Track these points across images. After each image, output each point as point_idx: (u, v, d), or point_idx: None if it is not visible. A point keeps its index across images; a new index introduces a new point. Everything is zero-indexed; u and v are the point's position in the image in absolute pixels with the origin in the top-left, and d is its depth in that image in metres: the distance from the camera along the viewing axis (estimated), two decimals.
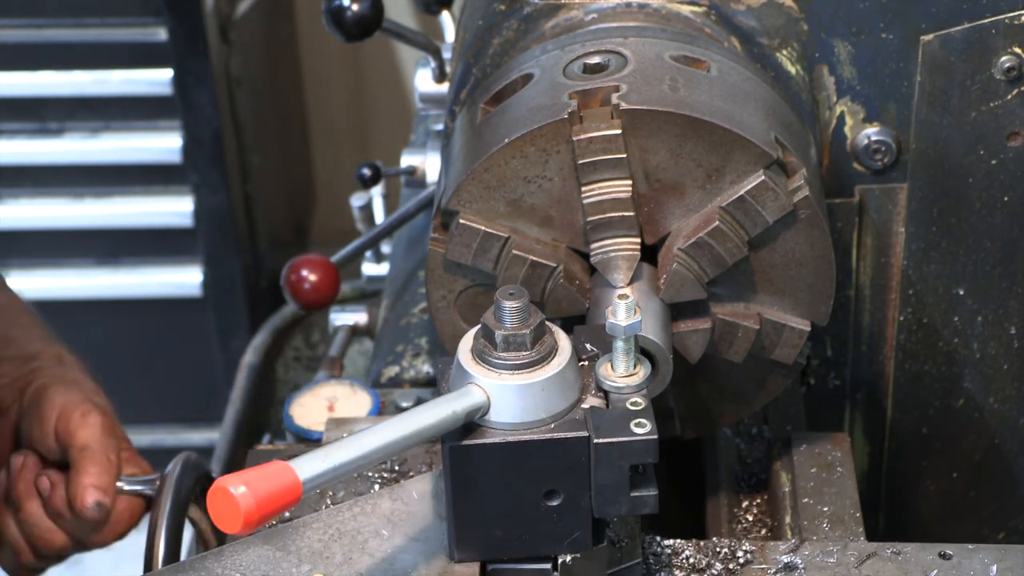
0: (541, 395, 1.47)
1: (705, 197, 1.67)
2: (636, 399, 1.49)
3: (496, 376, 1.47)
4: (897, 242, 1.96)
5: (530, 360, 1.47)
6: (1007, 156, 1.89)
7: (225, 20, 3.27)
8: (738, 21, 1.86)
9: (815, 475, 1.80)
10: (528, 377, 1.47)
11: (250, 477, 1.33)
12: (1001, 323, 1.98)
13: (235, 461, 2.57)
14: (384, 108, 4.07)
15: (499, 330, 1.47)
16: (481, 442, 1.47)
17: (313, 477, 1.37)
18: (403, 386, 2.17)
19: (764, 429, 1.94)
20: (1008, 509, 2.11)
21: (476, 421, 1.47)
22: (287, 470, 1.35)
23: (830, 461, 1.82)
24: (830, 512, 1.76)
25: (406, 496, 1.60)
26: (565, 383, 1.48)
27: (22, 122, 3.30)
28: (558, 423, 1.48)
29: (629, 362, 1.51)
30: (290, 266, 2.23)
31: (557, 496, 1.49)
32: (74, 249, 3.38)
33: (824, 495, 1.78)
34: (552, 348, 1.48)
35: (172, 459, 1.87)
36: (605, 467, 1.47)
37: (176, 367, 3.49)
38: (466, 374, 1.48)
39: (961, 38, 1.85)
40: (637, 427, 1.47)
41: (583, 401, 1.50)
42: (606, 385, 1.51)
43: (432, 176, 2.37)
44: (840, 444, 1.84)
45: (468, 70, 1.90)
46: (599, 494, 1.48)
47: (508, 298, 1.48)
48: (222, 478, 1.33)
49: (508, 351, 1.47)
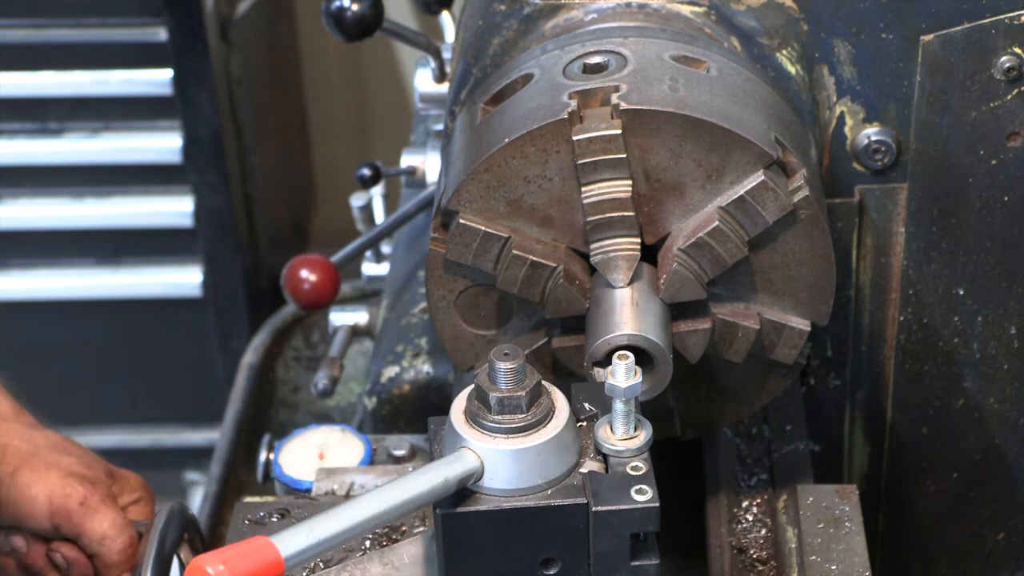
0: (537, 460, 1.43)
1: (705, 197, 1.67)
2: (637, 463, 1.46)
3: (490, 440, 1.43)
4: (897, 242, 1.96)
5: (526, 423, 1.43)
6: (1007, 156, 1.89)
7: (225, 20, 3.27)
8: (738, 21, 1.86)
9: (822, 531, 1.75)
10: (524, 441, 1.43)
11: (229, 555, 1.29)
12: (1001, 323, 1.98)
13: (235, 461, 2.56)
14: (384, 108, 4.07)
15: (493, 392, 1.43)
16: (475, 509, 1.42)
17: (296, 553, 1.33)
18: (403, 387, 2.16)
19: (764, 429, 1.93)
20: (1008, 509, 2.11)
21: (470, 487, 1.43)
22: (268, 547, 1.31)
23: (838, 516, 1.76)
24: (838, 571, 1.71)
25: (397, 560, 1.55)
26: (562, 447, 1.44)
27: (22, 122, 3.29)
28: (555, 489, 1.44)
29: (629, 425, 1.47)
30: (290, 266, 2.23)
31: (554, 565, 1.45)
32: (74, 249, 3.38)
33: (832, 552, 1.72)
34: (549, 410, 1.44)
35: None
36: (604, 535, 1.43)
37: (176, 367, 3.49)
38: (459, 437, 1.44)
39: (961, 38, 1.85)
40: (638, 494, 1.43)
41: (581, 465, 1.46)
42: (605, 448, 1.47)
43: (432, 176, 2.37)
44: (848, 497, 1.78)
45: (468, 70, 1.90)
46: (598, 563, 1.45)
47: (503, 359, 1.44)
48: (199, 557, 1.29)
49: (503, 414, 1.43)
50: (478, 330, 1.75)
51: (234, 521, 1.78)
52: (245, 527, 1.76)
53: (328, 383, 2.26)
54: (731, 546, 1.82)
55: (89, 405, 3.49)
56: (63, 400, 3.44)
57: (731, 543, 1.82)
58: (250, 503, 1.82)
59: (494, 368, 1.44)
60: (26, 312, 3.40)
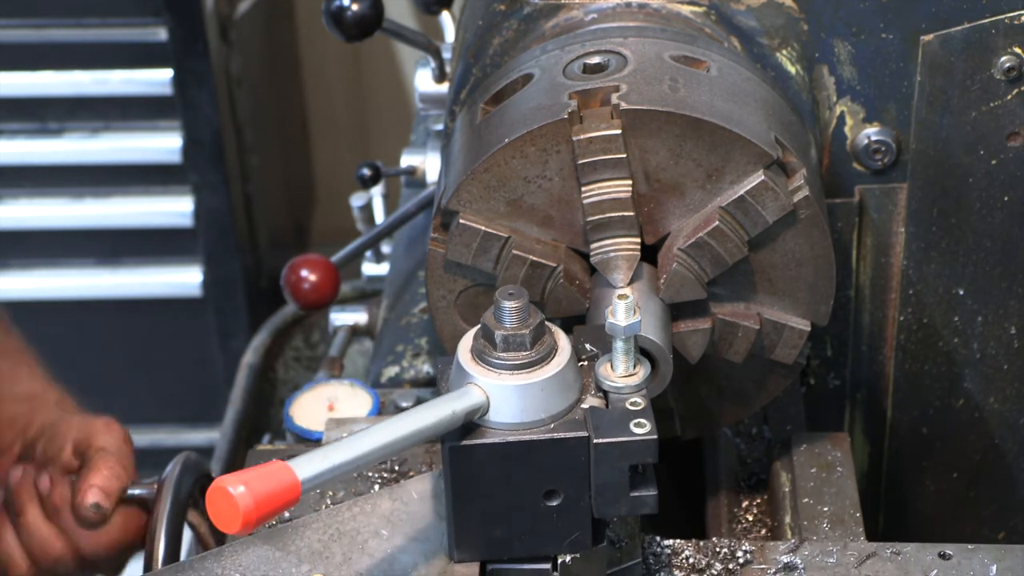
0: (540, 395, 1.47)
1: (705, 197, 1.67)
2: (636, 399, 1.49)
3: (496, 376, 1.47)
4: (897, 242, 1.96)
5: (529, 360, 1.47)
6: (1007, 156, 1.89)
7: (225, 20, 3.27)
8: (738, 21, 1.86)
9: (815, 475, 1.80)
10: (527, 377, 1.47)
11: (249, 477, 1.33)
12: (1001, 323, 1.98)
13: (235, 461, 2.56)
14: (384, 108, 4.07)
15: (499, 330, 1.47)
16: (481, 442, 1.47)
17: (312, 477, 1.37)
18: (403, 386, 2.17)
19: (764, 429, 1.94)
20: (1008, 509, 2.11)
21: (476, 421, 1.47)
22: (286, 470, 1.35)
23: (830, 461, 1.82)
24: (830, 512, 1.76)
25: (406, 496, 1.60)
26: (564, 383, 1.48)
27: (22, 122, 3.29)
28: (558, 423, 1.48)
29: (629, 362, 1.51)
30: (290, 266, 2.23)
31: (557, 496, 1.49)
32: (74, 249, 3.38)
33: (824, 495, 1.78)
34: (552, 348, 1.48)
35: (172, 459, 1.87)
36: (605, 467, 1.47)
37: (176, 367, 3.49)
38: (465, 374, 1.48)
39: (961, 38, 1.85)
40: (637, 427, 1.47)
41: (583, 401, 1.50)
42: (605, 385, 1.51)
43: (432, 176, 2.37)
44: (840, 444, 1.84)
45: (468, 70, 1.90)
46: (599, 494, 1.48)
47: (508, 298, 1.48)
48: (220, 478, 1.33)
49: (508, 351, 1.47)
50: None
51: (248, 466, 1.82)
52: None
53: None
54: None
55: (89, 405, 3.49)
56: None
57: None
58: (263, 450, 1.90)
59: (499, 307, 1.48)
60: (26, 312, 3.39)
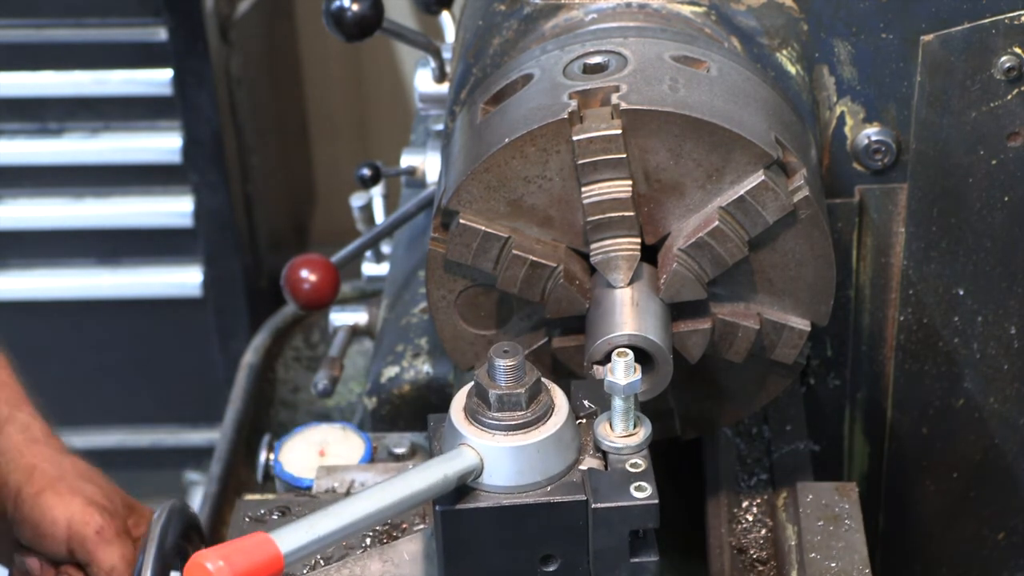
0: (537, 457, 1.43)
1: (705, 197, 1.67)
2: (636, 460, 1.46)
3: (490, 437, 1.43)
4: (897, 242, 1.96)
5: (525, 420, 1.43)
6: (1007, 156, 1.89)
7: (225, 20, 3.27)
8: (738, 21, 1.86)
9: (822, 528, 1.75)
10: (523, 438, 1.42)
11: (229, 551, 1.29)
12: (1001, 323, 1.98)
13: (235, 462, 2.56)
14: (384, 108, 4.07)
15: (493, 389, 1.43)
16: (474, 506, 1.43)
17: (296, 550, 1.34)
18: (403, 387, 2.16)
19: (764, 429, 1.93)
20: (1008, 509, 2.11)
21: (469, 484, 1.43)
22: (268, 543, 1.32)
23: (837, 513, 1.76)
24: (838, 568, 1.71)
25: (397, 558, 1.55)
26: (562, 444, 1.44)
27: (22, 122, 3.29)
28: (555, 486, 1.44)
29: (628, 422, 1.47)
30: (290, 266, 2.22)
31: (554, 561, 1.45)
32: (74, 249, 3.38)
33: (832, 550, 1.73)
34: (548, 407, 1.44)
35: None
36: (604, 532, 1.43)
37: (176, 367, 3.49)
38: (458, 434, 1.44)
39: (961, 38, 1.85)
40: (637, 491, 1.43)
41: (581, 462, 1.46)
42: (604, 445, 1.47)
43: (432, 176, 2.37)
44: (848, 495, 1.78)
45: (468, 70, 1.90)
46: (598, 560, 1.45)
47: (502, 356, 1.43)
48: (199, 553, 1.29)
49: (502, 411, 1.43)
50: (478, 330, 1.75)
51: (235, 518, 1.79)
52: (246, 524, 1.76)
53: (328, 383, 2.26)
54: (731, 546, 1.82)
55: (89, 405, 3.49)
56: (63, 400, 3.43)
57: (731, 543, 1.82)
58: (251, 500, 1.83)
59: (493, 365, 1.44)
60: (26, 312, 3.40)
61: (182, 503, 1.83)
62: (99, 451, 3.46)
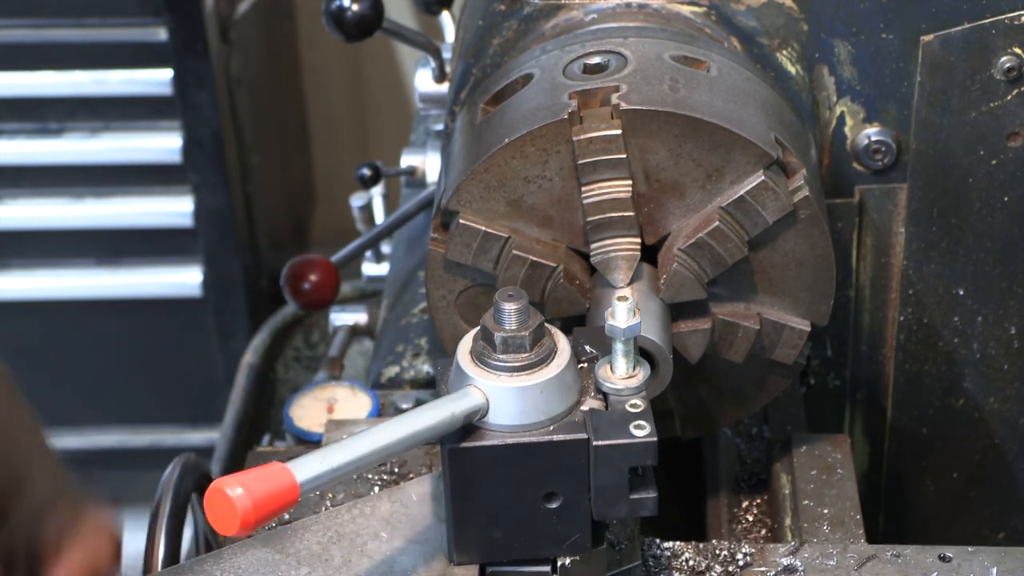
0: (540, 397, 1.46)
1: (705, 197, 1.67)
2: (635, 401, 1.49)
3: (495, 378, 1.47)
4: (897, 242, 1.96)
5: (529, 362, 1.46)
6: (1007, 156, 1.89)
7: (225, 20, 3.27)
8: (738, 21, 1.86)
9: (815, 477, 1.80)
10: (527, 379, 1.46)
11: (247, 479, 1.33)
12: (1001, 323, 1.98)
13: (235, 462, 2.56)
14: (384, 108, 4.07)
15: (498, 332, 1.47)
16: (480, 444, 1.46)
17: (311, 479, 1.37)
18: (403, 387, 2.17)
19: (764, 429, 1.93)
20: (1008, 509, 2.11)
21: (475, 423, 1.47)
22: (284, 472, 1.35)
23: (830, 463, 1.81)
24: (830, 514, 1.76)
25: (405, 498, 1.60)
26: (564, 385, 1.48)
27: (22, 122, 3.29)
28: (557, 425, 1.47)
29: (628, 364, 1.50)
30: (290, 266, 2.23)
31: (556, 498, 1.49)
32: (74, 249, 3.38)
33: (824, 497, 1.78)
34: (551, 350, 1.48)
35: (172, 459, 1.86)
36: (604, 469, 1.46)
37: (176, 367, 3.49)
38: (465, 376, 1.48)
39: (961, 38, 1.84)
40: (636, 429, 1.46)
41: (582, 403, 1.49)
42: (605, 387, 1.50)
43: (432, 176, 2.37)
44: (840, 446, 1.83)
45: (468, 70, 1.90)
46: (598, 496, 1.48)
47: (507, 300, 1.47)
48: (219, 479, 1.32)
49: (507, 353, 1.46)
50: None
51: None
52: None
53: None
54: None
55: (89, 405, 3.49)
56: (63, 400, 3.44)
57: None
58: (262, 452, 1.89)
59: (499, 308, 1.47)
60: (26, 312, 3.40)
61: (195, 456, 1.84)
62: (99, 451, 3.46)
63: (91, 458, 3.48)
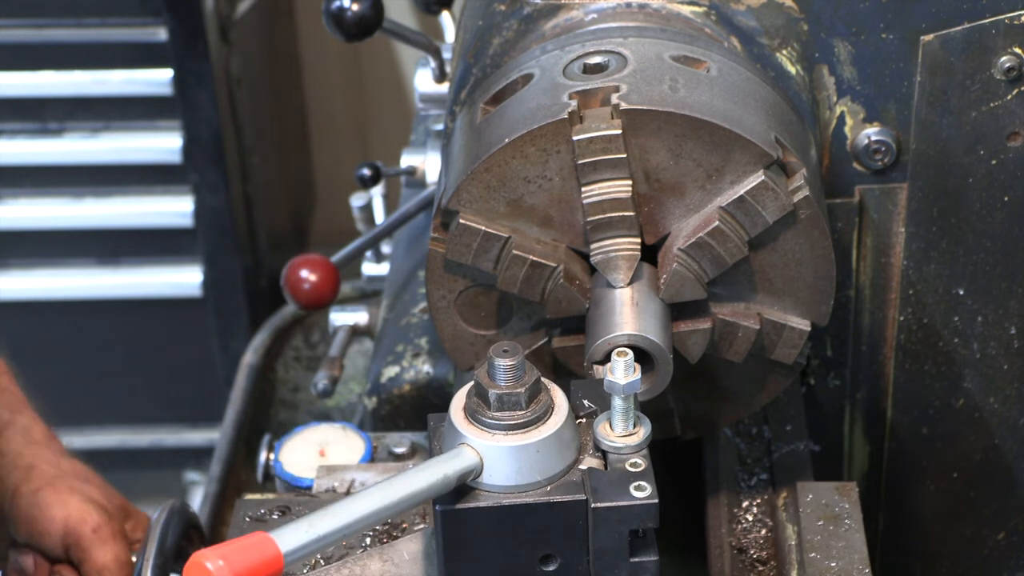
0: (536, 457, 1.43)
1: (705, 197, 1.67)
2: (636, 460, 1.45)
3: (489, 437, 1.43)
4: (897, 242, 1.96)
5: (525, 420, 1.43)
6: (1007, 156, 1.89)
7: (225, 20, 3.27)
8: (738, 21, 1.86)
9: (822, 528, 1.75)
10: (523, 438, 1.42)
11: (229, 551, 1.29)
12: (1001, 323, 1.98)
13: (235, 462, 2.56)
14: (384, 108, 4.07)
15: (492, 389, 1.43)
16: (474, 506, 1.42)
17: (295, 549, 1.33)
18: (403, 387, 2.16)
19: (764, 429, 1.93)
20: (1008, 509, 2.11)
21: (469, 483, 1.43)
22: (268, 543, 1.31)
23: (837, 513, 1.77)
24: (838, 568, 1.71)
25: (397, 557, 1.55)
26: (562, 443, 1.44)
27: (22, 122, 3.29)
28: (554, 485, 1.44)
29: (628, 422, 1.47)
30: (290, 266, 2.23)
31: (554, 561, 1.45)
32: (74, 249, 3.38)
33: (831, 549, 1.73)
34: (548, 407, 1.44)
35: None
36: (604, 531, 1.43)
37: (176, 367, 3.49)
38: (458, 434, 1.44)
39: (961, 38, 1.85)
40: (637, 490, 1.43)
41: (581, 461, 1.46)
42: (604, 445, 1.47)
43: (432, 176, 2.37)
44: (848, 495, 1.78)
45: (468, 70, 1.90)
46: (597, 559, 1.45)
47: (501, 355, 1.43)
48: (199, 552, 1.29)
49: (502, 411, 1.43)
50: (478, 330, 1.75)
51: (235, 518, 1.79)
52: (246, 524, 1.77)
53: (328, 383, 2.26)
54: (731, 546, 1.82)
55: (89, 405, 3.49)
56: (63, 400, 3.44)
57: (731, 543, 1.82)
58: (251, 500, 1.83)
59: (493, 365, 1.44)
60: (26, 312, 3.40)
61: (182, 503, 1.83)
62: (99, 451, 3.46)
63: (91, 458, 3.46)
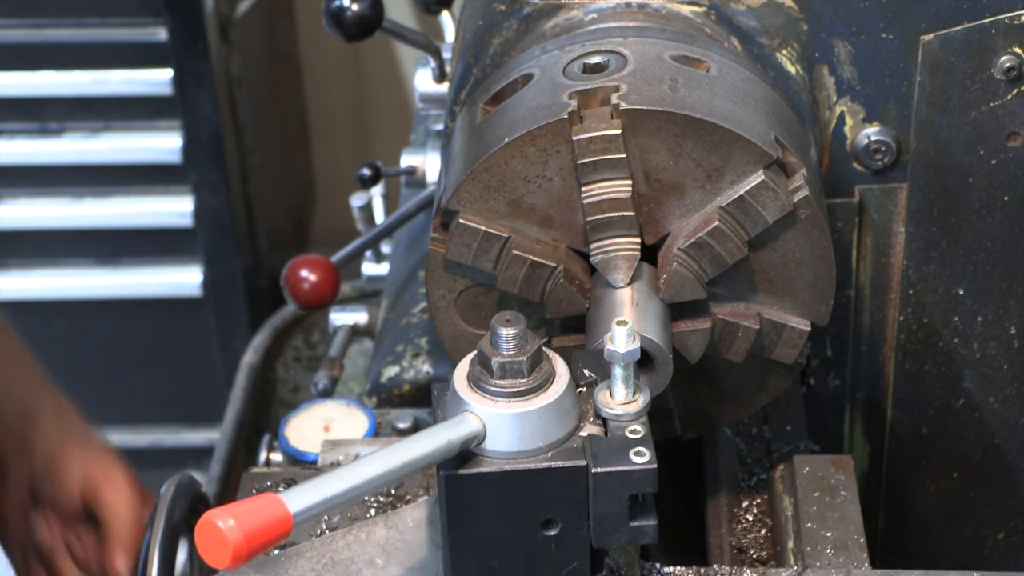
0: (538, 423, 1.44)
1: (705, 197, 1.67)
2: (635, 427, 1.47)
3: (492, 404, 1.44)
4: (897, 242, 1.96)
5: (527, 388, 1.44)
6: (1007, 156, 1.89)
7: (225, 20, 3.27)
8: (738, 21, 1.86)
9: (818, 499, 1.78)
10: (525, 405, 1.44)
11: (239, 510, 1.31)
12: (1001, 323, 1.98)
13: (235, 461, 2.56)
14: (384, 108, 4.07)
15: (495, 357, 1.44)
16: (477, 471, 1.44)
17: (304, 510, 1.35)
18: (403, 387, 2.17)
19: (764, 429, 1.93)
20: (1008, 509, 2.11)
21: (472, 450, 1.44)
22: (277, 503, 1.33)
23: (833, 485, 1.79)
24: (833, 537, 1.73)
25: (401, 524, 1.57)
26: (563, 411, 1.45)
27: (22, 122, 3.29)
28: (556, 452, 1.45)
29: (628, 389, 1.48)
30: (290, 266, 2.23)
31: (555, 526, 1.46)
32: (74, 249, 3.38)
33: (827, 520, 1.75)
34: (549, 375, 1.46)
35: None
36: (604, 497, 1.44)
37: (176, 367, 3.49)
38: (462, 402, 1.45)
39: (961, 38, 1.85)
40: (636, 456, 1.44)
41: (581, 429, 1.47)
42: (605, 412, 1.48)
43: (432, 176, 2.37)
44: (843, 467, 1.81)
45: (468, 70, 1.90)
46: (598, 524, 1.46)
47: (504, 324, 1.45)
48: (210, 512, 1.30)
49: (504, 378, 1.44)
50: (478, 330, 1.75)
51: (242, 491, 1.82)
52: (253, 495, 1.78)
53: (328, 383, 2.26)
54: (731, 546, 1.82)
55: (89, 405, 3.48)
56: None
57: (731, 543, 1.82)
58: (257, 473, 1.86)
59: (496, 333, 1.46)
60: (26, 312, 3.40)
61: (190, 477, 1.84)
62: None
63: None
